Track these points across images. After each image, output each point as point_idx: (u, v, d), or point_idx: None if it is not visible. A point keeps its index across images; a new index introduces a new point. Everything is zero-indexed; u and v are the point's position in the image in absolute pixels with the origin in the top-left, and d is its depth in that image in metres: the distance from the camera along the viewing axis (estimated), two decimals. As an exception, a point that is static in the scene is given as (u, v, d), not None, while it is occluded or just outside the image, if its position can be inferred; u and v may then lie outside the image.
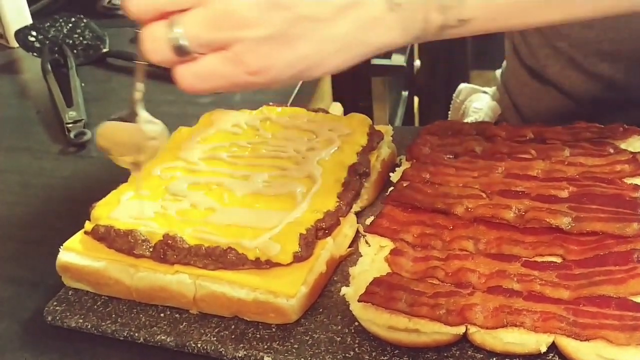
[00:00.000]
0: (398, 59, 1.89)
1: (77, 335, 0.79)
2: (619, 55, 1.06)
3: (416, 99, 2.94)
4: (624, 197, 0.75)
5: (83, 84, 1.42)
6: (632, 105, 1.10)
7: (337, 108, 1.12)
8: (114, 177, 0.95)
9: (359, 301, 0.68)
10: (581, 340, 0.62)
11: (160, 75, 1.44)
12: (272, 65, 0.61)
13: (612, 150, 0.84)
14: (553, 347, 0.65)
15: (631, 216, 0.71)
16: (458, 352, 0.68)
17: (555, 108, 1.17)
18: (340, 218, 0.84)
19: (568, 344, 0.63)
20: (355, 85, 1.80)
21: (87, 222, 0.85)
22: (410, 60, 2.61)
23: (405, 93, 2.68)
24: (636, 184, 0.78)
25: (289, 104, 1.28)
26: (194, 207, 0.85)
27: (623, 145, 0.86)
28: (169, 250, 0.79)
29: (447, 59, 3.20)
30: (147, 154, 0.77)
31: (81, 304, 0.81)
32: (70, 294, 0.83)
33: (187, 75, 0.63)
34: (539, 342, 0.63)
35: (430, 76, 3.04)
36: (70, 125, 1.24)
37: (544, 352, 0.64)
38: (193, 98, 1.36)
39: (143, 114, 0.78)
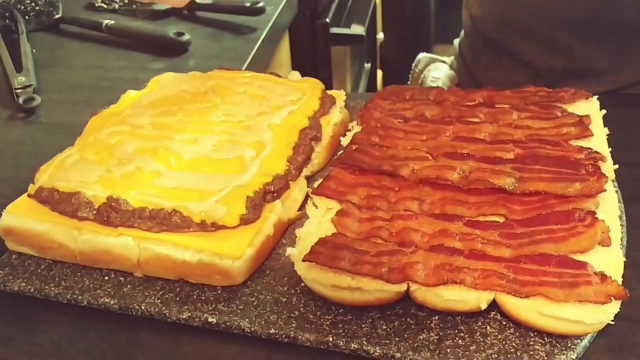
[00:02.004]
0: (357, 29, 1.88)
1: (20, 300, 0.77)
2: (575, 24, 1.07)
3: (379, 72, 2.93)
4: (569, 158, 0.75)
5: (34, 50, 1.39)
6: (588, 76, 1.11)
7: (295, 77, 1.11)
8: (63, 142, 0.93)
9: (303, 260, 0.68)
10: (521, 297, 0.62)
11: (113, 41, 1.43)
12: None
13: (559, 114, 0.85)
14: (494, 305, 0.66)
15: (574, 176, 0.71)
16: (401, 310, 0.69)
17: (510, 76, 1.17)
18: (290, 182, 0.83)
19: (508, 301, 0.63)
20: (313, 54, 1.79)
21: (30, 185, 0.83)
22: (372, 32, 2.60)
23: (367, 65, 2.67)
24: (581, 146, 0.78)
25: (243, 70, 1.27)
26: (139, 171, 0.83)
27: (571, 109, 0.86)
28: (112, 213, 0.77)
29: (410, 33, 3.20)
30: None
31: (24, 267, 0.80)
32: (13, 258, 0.81)
33: None
34: (479, 299, 0.64)
35: (393, 49, 3.03)
36: (19, 90, 1.22)
37: (485, 310, 0.65)
38: (145, 63, 1.35)
39: None
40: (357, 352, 0.66)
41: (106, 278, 0.77)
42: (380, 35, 2.86)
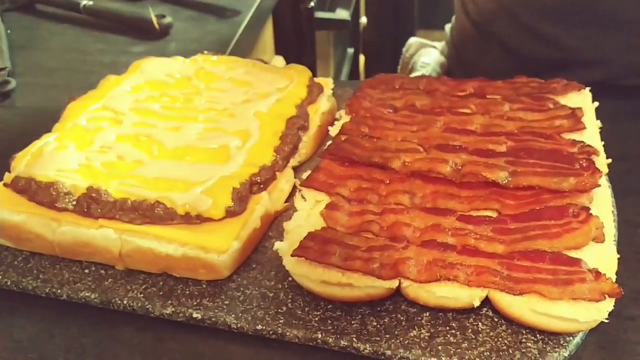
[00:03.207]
0: (342, 14, 1.85)
1: (-2, 292, 0.75)
2: (562, 13, 1.05)
3: (362, 58, 2.91)
4: (562, 152, 0.74)
5: (9, 31, 1.34)
6: (574, 65, 1.09)
7: (279, 61, 1.08)
8: (39, 128, 0.90)
9: (292, 255, 0.66)
10: (514, 295, 0.61)
11: (91, 23, 1.39)
12: None
13: (551, 106, 0.83)
14: (487, 302, 0.64)
15: (568, 170, 0.70)
16: (392, 307, 0.67)
17: (498, 64, 1.16)
18: (277, 172, 0.81)
19: (501, 298, 0.62)
20: (298, 39, 1.76)
21: (6, 173, 0.80)
22: (355, 16, 2.57)
23: (350, 50, 2.64)
24: (574, 139, 0.77)
25: (226, 55, 1.24)
26: (120, 159, 0.81)
27: (563, 101, 0.85)
28: (93, 204, 0.75)
29: (393, 17, 3.17)
30: None
31: (0, 259, 0.77)
32: (-12, 249, 0.78)
33: None
34: (472, 296, 0.62)
35: (376, 34, 3.00)
36: (-7, 73, 1.17)
37: (477, 306, 0.64)
38: (125, 47, 1.31)
39: None
40: (346, 349, 0.64)
41: (86, 271, 0.75)
42: (364, 20, 2.83)
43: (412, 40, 1.43)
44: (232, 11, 1.40)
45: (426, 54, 1.36)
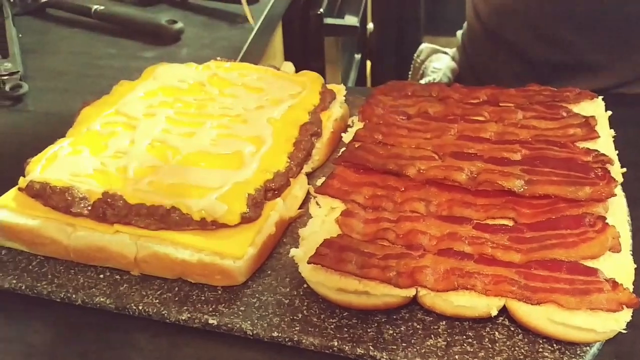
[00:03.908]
0: (351, 20, 1.85)
1: (10, 297, 0.74)
2: (577, 18, 1.05)
3: (368, 63, 2.91)
4: (576, 161, 0.74)
5: (20, 35, 1.35)
6: (585, 70, 1.10)
7: (288, 67, 1.08)
8: (52, 132, 0.90)
9: (308, 263, 0.66)
10: (532, 304, 0.61)
11: (102, 27, 1.40)
12: None
13: (565, 114, 0.83)
14: (503, 311, 0.64)
15: (583, 179, 0.70)
16: (407, 315, 0.67)
17: (510, 69, 1.16)
18: (291, 179, 0.81)
19: (519, 308, 0.62)
20: (307, 45, 1.76)
21: (21, 178, 0.80)
22: (363, 22, 2.57)
23: (358, 56, 2.65)
24: (588, 148, 0.77)
25: (237, 61, 1.24)
26: (135, 165, 0.80)
27: (576, 109, 0.85)
28: (108, 209, 0.75)
29: (400, 24, 3.18)
30: None
31: (15, 263, 0.77)
32: (3, 253, 0.79)
33: None
34: (490, 305, 0.62)
35: (383, 40, 3.01)
36: (5, 77, 1.17)
37: (494, 315, 0.63)
38: (136, 52, 1.31)
39: None
40: (363, 357, 0.64)
41: (101, 276, 0.75)
42: (370, 26, 2.84)
43: (424, 46, 1.43)
44: (243, 17, 1.40)
45: (437, 60, 1.36)
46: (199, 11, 1.45)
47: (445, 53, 1.40)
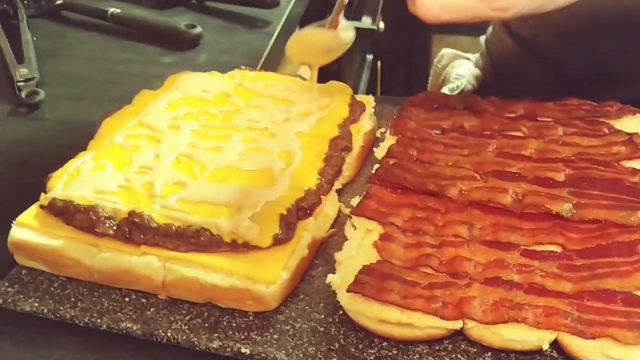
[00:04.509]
0: (367, 22, 1.82)
1: (31, 320, 0.71)
2: (616, 27, 1.01)
3: (379, 63, 2.88)
4: (624, 182, 0.71)
5: (35, 39, 1.31)
6: (619, 82, 1.06)
7: (306, 71, 1.06)
8: (70, 142, 0.87)
9: (348, 291, 0.63)
10: (586, 338, 0.58)
11: (119, 31, 1.36)
12: (517, 3, 0.69)
13: (607, 130, 0.80)
14: (552, 343, 0.61)
15: (635, 204, 0.67)
16: (451, 346, 0.64)
17: (541, 81, 1.13)
18: (322, 196, 0.78)
19: (572, 342, 0.59)
20: (323, 48, 1.72)
21: (42, 194, 0.77)
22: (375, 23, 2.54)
23: (370, 57, 2.61)
24: (634, 168, 0.74)
25: (259, 67, 1.21)
26: (161, 182, 0.77)
27: (617, 125, 0.82)
28: (135, 229, 0.72)
29: (410, 22, 3.14)
30: (330, 57, 0.84)
31: (36, 285, 0.74)
32: (23, 273, 0.75)
33: (433, 6, 0.68)
34: (541, 339, 0.59)
35: (392, 39, 2.98)
36: (21, 83, 1.14)
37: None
38: (154, 57, 1.28)
39: (343, 21, 0.82)
40: (404, 391, 0.61)
41: (127, 299, 0.72)
42: (381, 25, 2.80)
43: (445, 51, 1.39)
44: (262, 21, 1.37)
45: (460, 66, 1.33)
46: (216, 15, 1.41)
47: (468, 59, 1.36)
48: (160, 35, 1.33)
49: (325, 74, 1.41)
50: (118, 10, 1.38)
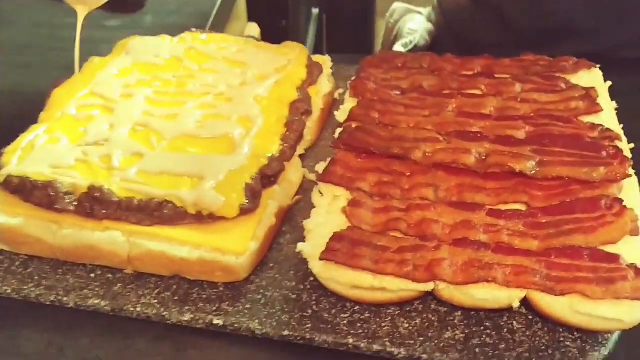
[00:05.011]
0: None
1: (-7, 301, 0.70)
2: None
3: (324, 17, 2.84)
4: (584, 138, 0.72)
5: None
6: (571, 34, 1.07)
7: (253, 28, 1.04)
8: (19, 113, 0.85)
9: (320, 259, 0.63)
10: (555, 295, 0.60)
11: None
12: None
13: (564, 86, 0.81)
14: (522, 301, 0.62)
15: (596, 160, 0.68)
16: (421, 306, 0.65)
17: (493, 36, 1.13)
18: (285, 163, 0.77)
19: (541, 299, 0.60)
20: (270, 3, 1.69)
21: (-5, 171, 0.74)
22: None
23: (315, 10, 2.58)
24: (592, 123, 0.75)
25: (207, 27, 1.18)
26: (118, 153, 0.75)
27: (573, 80, 0.83)
28: (96, 204, 0.70)
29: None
30: None
31: (-4, 265, 0.72)
32: (-19, 254, 0.73)
33: None
34: (511, 297, 0.61)
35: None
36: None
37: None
38: (98, 20, 1.22)
39: None
40: (379, 354, 0.62)
41: (92, 275, 0.70)
42: (325, -23, 2.76)
43: (396, 5, 1.38)
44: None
45: (412, 20, 1.32)
46: (160, -26, 1.36)
47: (419, 13, 1.36)
48: (102, -4, 1.27)
49: (274, 31, 1.40)
50: (56, -29, 1.32)
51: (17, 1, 1.30)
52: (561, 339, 0.61)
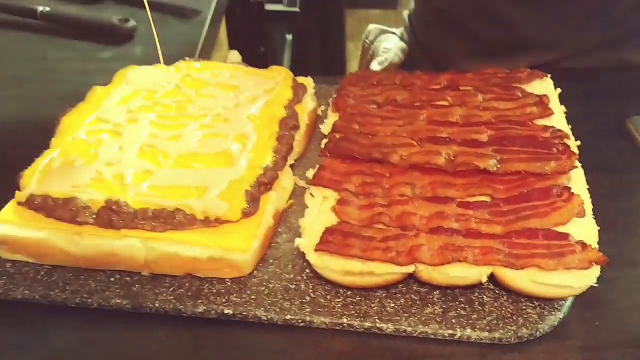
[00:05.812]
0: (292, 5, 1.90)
1: (24, 307, 0.78)
2: None
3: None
4: (538, 138, 0.83)
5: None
6: (528, 46, 1.19)
7: (234, 56, 1.13)
8: (29, 141, 0.92)
9: (316, 251, 0.72)
10: (517, 269, 0.70)
11: (51, 29, 1.39)
12: None
13: (520, 94, 0.92)
14: (489, 277, 0.73)
15: (548, 155, 0.79)
16: (404, 288, 0.75)
17: (458, 48, 1.24)
18: (278, 172, 0.87)
19: (505, 274, 0.71)
20: (249, 32, 1.80)
21: (17, 192, 0.83)
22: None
23: (289, 36, 2.69)
24: (545, 125, 0.86)
25: (197, 56, 1.27)
26: (130, 171, 0.84)
27: (528, 89, 0.94)
28: (113, 216, 0.79)
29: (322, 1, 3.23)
30: None
31: (23, 275, 0.80)
32: (8, 266, 0.81)
33: None
34: (480, 273, 0.71)
35: (307, 18, 3.06)
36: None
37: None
38: (91, 53, 1.32)
39: None
40: (370, 330, 0.72)
41: (112, 279, 0.79)
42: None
43: (372, 27, 1.49)
44: (191, 11, 1.43)
45: (387, 40, 1.43)
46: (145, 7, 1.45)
47: (394, 33, 1.47)
48: (94, 31, 1.36)
49: (253, 57, 1.49)
50: (48, 9, 1.40)
51: (9, 38, 1.38)
52: (523, 307, 0.72)
